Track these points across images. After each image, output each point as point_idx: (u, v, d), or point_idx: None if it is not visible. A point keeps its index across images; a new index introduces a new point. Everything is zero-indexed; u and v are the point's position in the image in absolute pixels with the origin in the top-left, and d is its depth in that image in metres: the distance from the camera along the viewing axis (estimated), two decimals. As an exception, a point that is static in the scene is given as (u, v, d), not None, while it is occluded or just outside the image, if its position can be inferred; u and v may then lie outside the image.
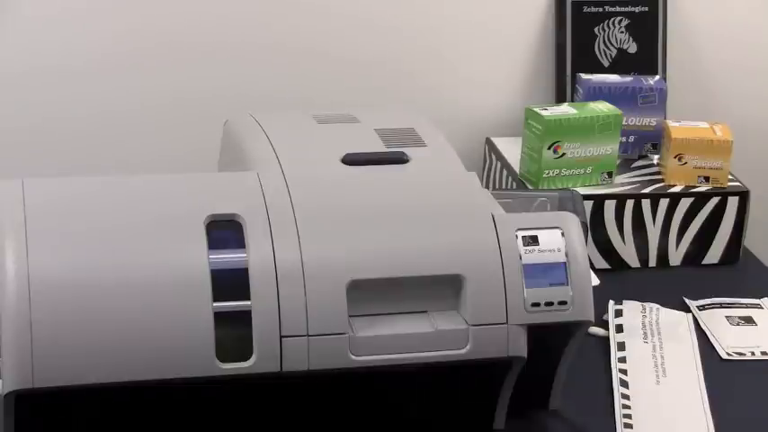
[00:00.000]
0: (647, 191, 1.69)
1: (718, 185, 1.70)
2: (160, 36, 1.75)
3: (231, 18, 1.76)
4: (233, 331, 1.11)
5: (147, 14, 1.74)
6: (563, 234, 1.20)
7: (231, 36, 1.77)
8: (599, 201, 1.67)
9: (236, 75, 1.78)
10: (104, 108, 1.77)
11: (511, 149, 1.77)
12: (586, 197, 1.59)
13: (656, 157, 1.79)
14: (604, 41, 1.86)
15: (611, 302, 1.55)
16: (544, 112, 1.65)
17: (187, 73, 1.77)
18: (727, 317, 1.54)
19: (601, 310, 1.49)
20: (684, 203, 1.69)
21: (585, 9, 1.86)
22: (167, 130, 1.79)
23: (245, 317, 1.11)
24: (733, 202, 1.70)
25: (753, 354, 1.47)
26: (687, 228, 1.70)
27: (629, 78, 1.79)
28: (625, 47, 1.87)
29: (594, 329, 1.48)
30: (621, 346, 1.45)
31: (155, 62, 1.76)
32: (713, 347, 1.47)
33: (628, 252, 1.69)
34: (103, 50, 1.74)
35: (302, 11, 1.78)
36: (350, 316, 1.13)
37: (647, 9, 1.87)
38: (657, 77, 1.80)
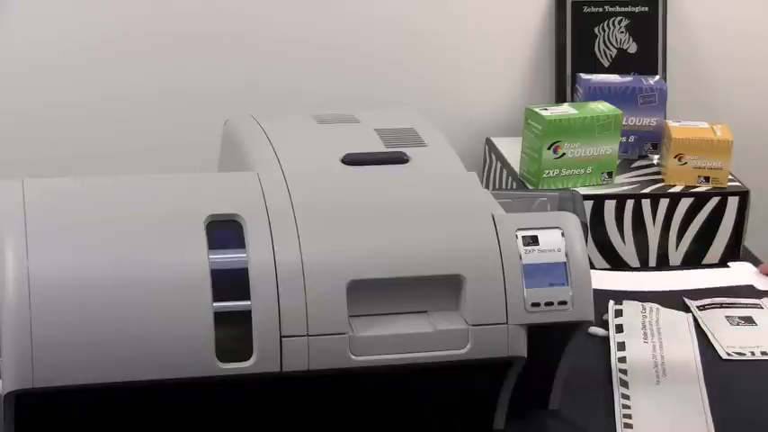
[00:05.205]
0: (647, 191, 1.69)
1: (719, 185, 1.70)
2: (160, 34, 1.75)
3: (232, 17, 1.76)
4: (233, 331, 1.11)
5: (146, 15, 1.74)
6: (563, 234, 1.20)
7: (232, 33, 1.77)
8: (599, 201, 1.66)
9: (236, 72, 1.78)
10: (105, 106, 1.77)
11: (511, 149, 1.77)
12: (586, 197, 1.58)
13: (656, 157, 1.79)
14: (604, 41, 1.86)
15: (611, 302, 1.55)
16: (544, 112, 1.65)
17: (188, 71, 1.77)
18: (727, 317, 1.54)
19: (601, 310, 1.49)
20: (684, 203, 1.69)
21: (585, 9, 1.85)
22: (167, 129, 1.79)
23: (245, 317, 1.11)
24: (733, 202, 1.70)
25: (753, 354, 1.46)
26: (687, 228, 1.70)
27: (629, 78, 1.78)
28: (625, 47, 1.87)
29: (594, 329, 1.47)
30: (621, 346, 1.45)
31: (154, 60, 1.76)
32: (713, 347, 1.47)
33: (628, 252, 1.69)
34: (104, 50, 1.74)
35: (302, 10, 1.78)
36: (350, 316, 1.13)
37: (647, 9, 1.87)
38: (657, 77, 1.80)
